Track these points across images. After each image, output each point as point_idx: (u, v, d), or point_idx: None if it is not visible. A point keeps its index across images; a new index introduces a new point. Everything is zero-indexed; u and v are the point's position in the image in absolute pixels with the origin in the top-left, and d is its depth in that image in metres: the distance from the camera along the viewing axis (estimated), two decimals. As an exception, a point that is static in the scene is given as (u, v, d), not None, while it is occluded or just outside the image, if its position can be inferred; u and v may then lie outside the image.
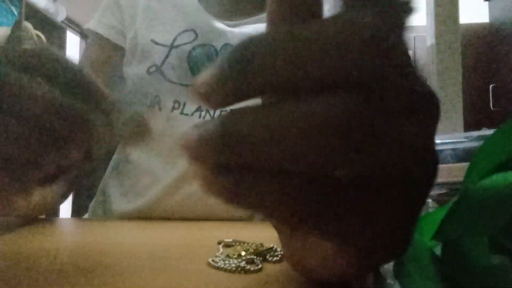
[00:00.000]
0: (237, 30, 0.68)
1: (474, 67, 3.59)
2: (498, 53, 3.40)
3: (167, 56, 0.66)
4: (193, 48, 0.66)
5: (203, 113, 0.64)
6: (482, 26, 3.62)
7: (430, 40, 3.00)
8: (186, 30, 0.67)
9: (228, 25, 0.68)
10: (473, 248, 0.21)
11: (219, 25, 0.68)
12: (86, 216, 0.74)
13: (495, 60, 3.45)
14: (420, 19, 3.30)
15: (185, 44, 0.66)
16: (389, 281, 0.24)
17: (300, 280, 0.27)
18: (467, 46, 3.49)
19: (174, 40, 0.67)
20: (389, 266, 0.24)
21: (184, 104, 0.64)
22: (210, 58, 0.66)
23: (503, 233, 0.21)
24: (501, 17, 3.37)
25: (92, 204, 0.72)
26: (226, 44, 0.66)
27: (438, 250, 0.21)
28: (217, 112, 0.62)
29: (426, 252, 0.20)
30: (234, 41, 0.66)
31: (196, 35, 0.67)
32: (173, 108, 0.64)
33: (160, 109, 0.64)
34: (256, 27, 0.68)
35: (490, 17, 3.58)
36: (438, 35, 2.87)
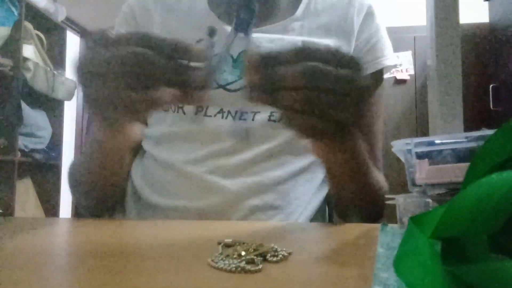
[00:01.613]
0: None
1: (474, 67, 3.59)
2: (498, 53, 3.40)
3: None
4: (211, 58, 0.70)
5: (225, 114, 0.69)
6: (482, 26, 3.61)
7: (430, 40, 3.00)
8: (202, 39, 0.70)
9: None
10: (472, 247, 0.21)
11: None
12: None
13: (495, 60, 3.45)
14: (420, 19, 3.29)
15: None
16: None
17: (300, 280, 0.27)
18: (467, 46, 3.49)
19: None
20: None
21: (207, 107, 0.70)
22: (228, 65, 0.70)
23: (503, 233, 0.21)
24: (501, 17, 3.37)
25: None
26: (243, 52, 0.69)
27: (438, 246, 0.21)
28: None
29: (426, 247, 0.20)
30: (250, 48, 0.69)
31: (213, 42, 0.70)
32: (197, 111, 0.70)
33: (184, 113, 0.70)
34: (271, 38, 0.71)
35: (490, 17, 3.58)
36: (438, 35, 2.86)
